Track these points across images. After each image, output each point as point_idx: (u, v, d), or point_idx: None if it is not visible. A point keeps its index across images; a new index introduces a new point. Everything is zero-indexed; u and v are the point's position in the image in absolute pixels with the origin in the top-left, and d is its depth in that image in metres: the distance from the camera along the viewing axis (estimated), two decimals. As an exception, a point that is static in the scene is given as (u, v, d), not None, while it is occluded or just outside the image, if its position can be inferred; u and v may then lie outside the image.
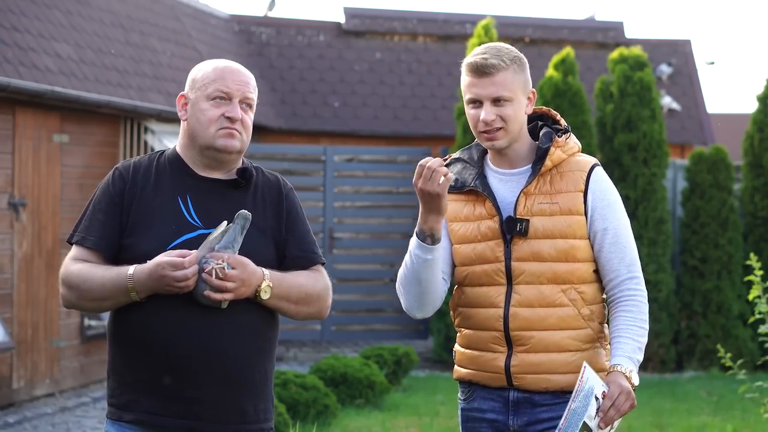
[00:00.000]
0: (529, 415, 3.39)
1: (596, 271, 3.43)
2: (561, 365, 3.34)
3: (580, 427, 3.22)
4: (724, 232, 12.26)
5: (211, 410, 3.28)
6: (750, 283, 5.77)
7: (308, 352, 13.05)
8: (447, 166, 3.50)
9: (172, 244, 3.28)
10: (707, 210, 12.30)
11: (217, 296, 3.21)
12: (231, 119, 3.34)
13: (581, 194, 3.38)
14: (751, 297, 5.66)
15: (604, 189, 3.41)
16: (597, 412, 3.24)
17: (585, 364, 3.26)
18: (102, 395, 9.96)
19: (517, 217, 3.39)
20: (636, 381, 3.34)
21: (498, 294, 3.40)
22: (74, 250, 3.36)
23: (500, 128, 3.39)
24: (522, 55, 3.47)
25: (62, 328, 10.08)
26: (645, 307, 3.40)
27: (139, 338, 3.28)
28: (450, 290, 3.58)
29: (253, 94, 3.40)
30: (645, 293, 3.42)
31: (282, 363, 12.35)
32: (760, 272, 5.61)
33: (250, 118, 3.40)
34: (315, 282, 3.41)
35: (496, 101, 3.39)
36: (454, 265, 3.52)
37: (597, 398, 3.24)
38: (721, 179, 12.35)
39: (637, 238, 11.97)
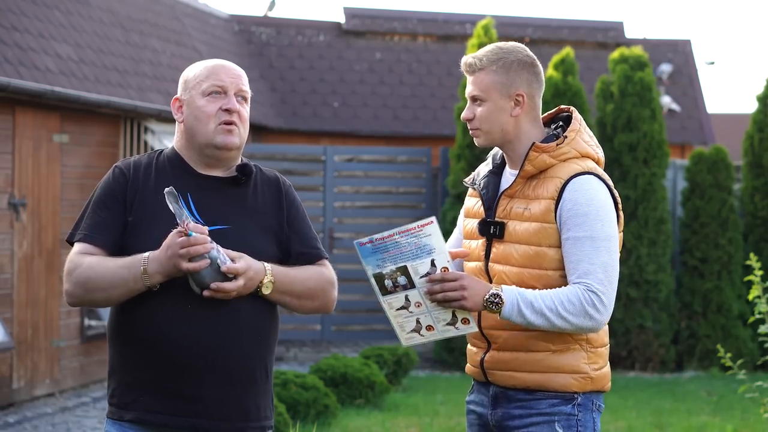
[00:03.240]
0: (504, 410, 3.43)
1: None
2: (527, 364, 3.37)
3: (398, 264, 3.28)
4: (724, 232, 12.26)
5: (213, 408, 3.27)
6: (750, 283, 5.78)
7: (308, 352, 13.05)
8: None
9: (175, 242, 3.29)
10: (707, 210, 12.29)
11: (227, 285, 3.17)
12: (229, 111, 3.35)
13: (553, 202, 3.34)
14: (751, 297, 5.65)
15: (576, 199, 3.32)
16: (426, 275, 3.29)
17: (433, 219, 3.29)
18: (102, 395, 9.96)
19: (495, 219, 3.42)
20: (500, 308, 3.25)
21: None
22: (79, 246, 3.31)
23: (477, 127, 3.44)
24: (518, 59, 3.42)
25: (62, 328, 10.07)
26: (575, 300, 3.26)
27: (139, 337, 3.28)
28: None
29: (247, 87, 3.43)
30: (590, 297, 3.26)
31: (282, 363, 12.35)
32: (760, 272, 5.60)
33: (246, 110, 3.42)
34: (319, 276, 3.41)
35: (474, 100, 3.45)
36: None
37: (434, 265, 3.28)
38: (721, 179, 12.34)
39: (637, 238, 11.98)
